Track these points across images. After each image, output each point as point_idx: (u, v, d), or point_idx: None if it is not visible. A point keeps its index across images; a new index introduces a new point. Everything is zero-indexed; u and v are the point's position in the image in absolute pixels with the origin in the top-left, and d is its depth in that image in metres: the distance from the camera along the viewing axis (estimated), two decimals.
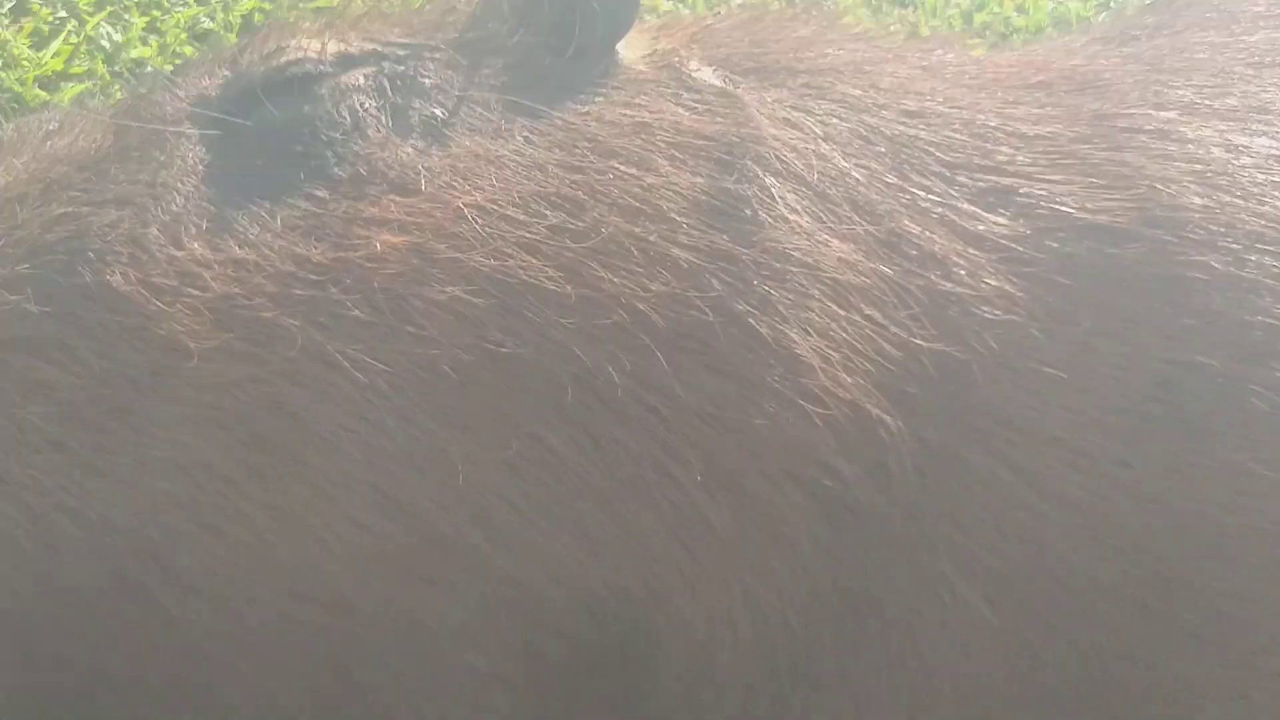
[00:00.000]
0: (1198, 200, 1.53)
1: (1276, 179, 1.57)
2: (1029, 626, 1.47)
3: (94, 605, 1.28)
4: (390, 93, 1.49)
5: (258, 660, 1.34)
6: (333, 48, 1.54)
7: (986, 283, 1.45)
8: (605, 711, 1.50)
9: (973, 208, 1.51)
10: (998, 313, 1.44)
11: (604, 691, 1.48)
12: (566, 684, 1.45)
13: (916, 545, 1.43)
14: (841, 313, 1.38)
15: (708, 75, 1.60)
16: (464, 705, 1.42)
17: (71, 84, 2.62)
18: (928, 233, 1.47)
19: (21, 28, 2.67)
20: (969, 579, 1.44)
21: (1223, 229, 1.51)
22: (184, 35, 2.81)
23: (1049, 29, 3.78)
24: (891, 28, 3.55)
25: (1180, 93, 1.71)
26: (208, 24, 2.88)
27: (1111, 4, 3.98)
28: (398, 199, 1.37)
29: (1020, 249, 1.48)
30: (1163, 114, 1.65)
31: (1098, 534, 1.45)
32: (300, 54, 1.53)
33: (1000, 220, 1.50)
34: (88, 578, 1.27)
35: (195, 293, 1.30)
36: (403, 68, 1.52)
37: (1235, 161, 1.59)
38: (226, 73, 1.56)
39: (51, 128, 1.55)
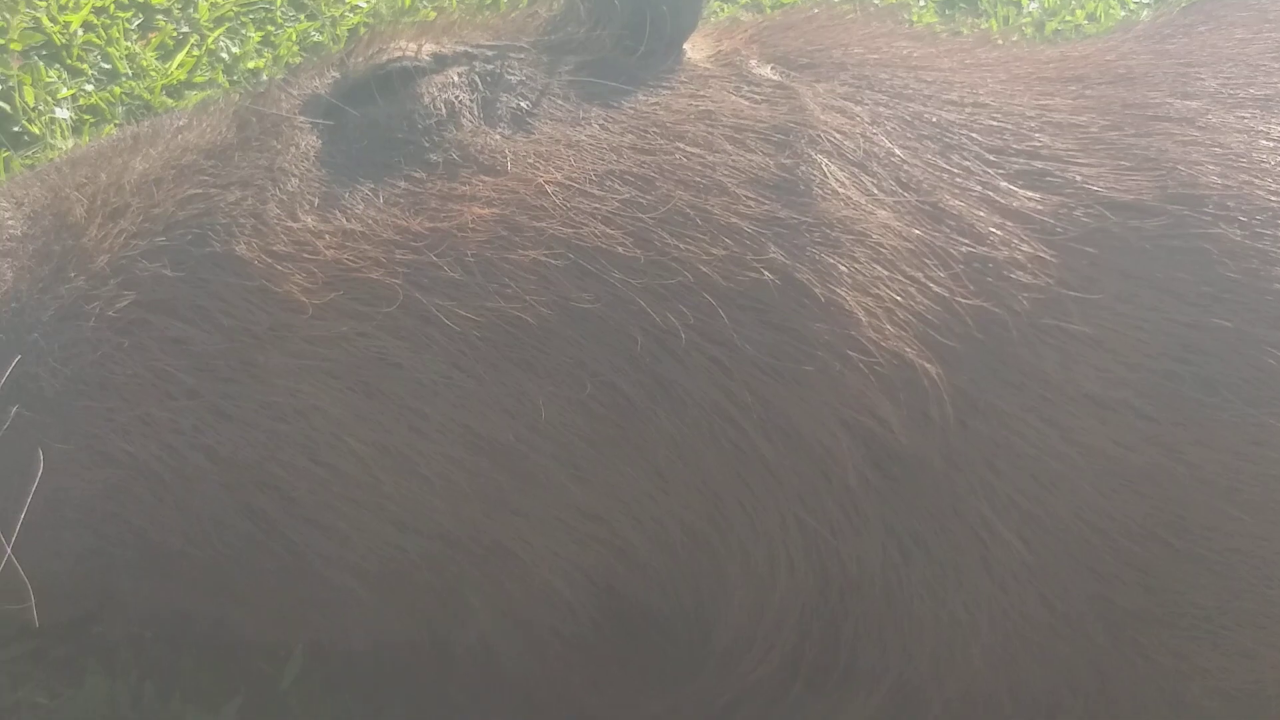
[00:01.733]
0: (1217, 180, 1.57)
1: None
2: (1060, 563, 1.52)
3: (226, 533, 1.38)
4: (480, 87, 1.58)
5: (369, 586, 1.42)
6: (429, 49, 1.64)
7: (1021, 250, 1.50)
8: (673, 641, 1.57)
9: (1009, 185, 1.56)
10: (1031, 277, 1.49)
11: (672, 622, 1.54)
12: (638, 614, 1.52)
13: (957, 488, 1.48)
14: (885, 272, 1.44)
15: (765, 71, 1.67)
16: (547, 629, 1.51)
17: (194, 92, 2.70)
18: (967, 205, 1.53)
19: (149, 41, 2.77)
20: (1005, 520, 1.49)
21: (1239, 205, 1.55)
22: (295, 48, 2.90)
23: None
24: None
25: (1206, 83, 1.75)
26: (317, 38, 2.97)
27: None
28: (486, 178, 1.46)
29: (1052, 222, 1.53)
30: (1188, 103, 1.70)
31: (1124, 480, 1.50)
32: (400, 54, 1.62)
33: (1034, 196, 1.55)
34: (221, 508, 1.36)
35: (309, 258, 1.39)
36: (491, 66, 1.61)
37: (1255, 144, 1.63)
38: (335, 73, 1.65)
39: (181, 123, 1.64)
